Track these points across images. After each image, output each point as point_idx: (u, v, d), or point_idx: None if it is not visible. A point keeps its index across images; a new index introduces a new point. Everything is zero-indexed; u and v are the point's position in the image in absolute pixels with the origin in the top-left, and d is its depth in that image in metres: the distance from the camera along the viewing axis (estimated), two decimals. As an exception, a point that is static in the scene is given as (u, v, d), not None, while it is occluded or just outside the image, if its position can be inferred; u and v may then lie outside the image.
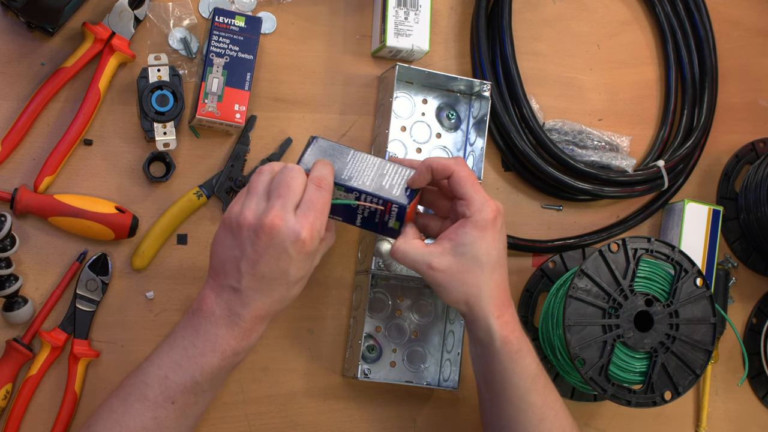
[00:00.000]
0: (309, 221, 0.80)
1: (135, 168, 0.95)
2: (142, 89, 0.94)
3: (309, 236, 0.79)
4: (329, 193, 0.83)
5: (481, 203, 0.86)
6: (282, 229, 0.79)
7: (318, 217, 0.81)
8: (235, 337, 0.81)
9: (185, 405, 0.81)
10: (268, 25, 1.01)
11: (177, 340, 0.82)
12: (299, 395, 0.99)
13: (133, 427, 0.79)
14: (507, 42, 1.07)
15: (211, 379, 0.81)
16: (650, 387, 0.97)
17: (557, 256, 1.08)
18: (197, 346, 0.81)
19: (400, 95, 1.04)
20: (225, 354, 0.81)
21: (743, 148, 1.19)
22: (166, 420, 0.80)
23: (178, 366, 0.80)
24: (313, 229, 0.80)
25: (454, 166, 0.88)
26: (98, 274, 0.93)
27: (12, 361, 0.90)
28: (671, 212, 1.14)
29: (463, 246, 0.85)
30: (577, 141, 1.10)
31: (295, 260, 0.80)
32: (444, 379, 1.02)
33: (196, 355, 0.80)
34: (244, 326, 0.81)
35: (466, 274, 0.86)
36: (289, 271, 0.81)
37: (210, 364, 0.80)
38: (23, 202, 0.89)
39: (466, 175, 0.87)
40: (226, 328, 0.81)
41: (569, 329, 0.95)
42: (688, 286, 0.98)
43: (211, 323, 0.81)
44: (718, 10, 1.20)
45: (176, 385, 0.80)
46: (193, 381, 0.80)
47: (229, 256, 0.81)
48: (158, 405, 0.80)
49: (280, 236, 0.79)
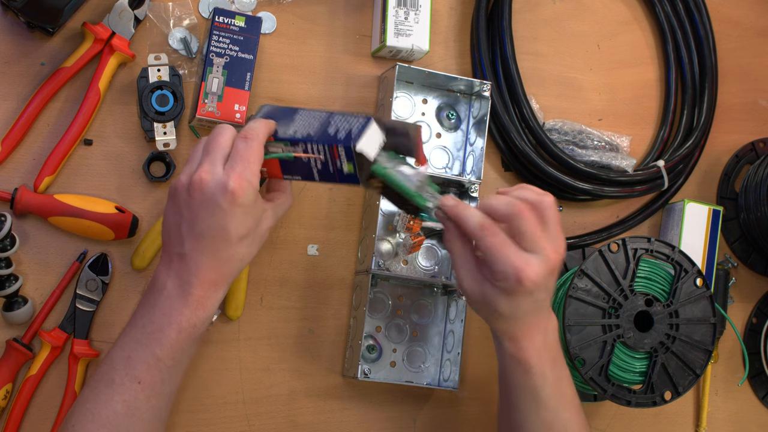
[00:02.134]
0: (236, 172, 0.78)
1: (135, 168, 0.95)
2: (142, 89, 0.94)
3: (238, 185, 0.78)
4: (258, 143, 0.81)
5: (505, 277, 0.79)
6: (210, 183, 0.78)
7: (246, 167, 0.79)
8: (189, 307, 0.79)
9: (152, 383, 0.79)
10: (268, 25, 1.01)
11: (137, 320, 0.81)
12: (299, 395, 0.99)
13: (105, 414, 0.78)
14: (507, 42, 1.07)
15: (172, 353, 0.79)
16: (650, 387, 0.97)
17: (557, 256, 1.08)
18: (154, 322, 0.80)
19: (400, 95, 1.04)
20: (181, 326, 0.79)
21: (743, 148, 1.19)
22: (135, 401, 0.78)
23: (139, 344, 0.79)
24: (242, 178, 0.78)
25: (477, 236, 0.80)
26: (98, 274, 0.93)
27: (12, 361, 0.90)
28: (671, 212, 1.14)
29: (488, 295, 0.81)
30: (577, 141, 1.10)
31: (230, 214, 0.78)
32: (444, 379, 1.02)
33: (155, 331, 0.79)
34: (197, 294, 0.79)
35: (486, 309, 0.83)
36: (228, 227, 0.79)
37: (168, 338, 0.79)
38: (23, 202, 0.89)
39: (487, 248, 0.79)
40: (179, 299, 0.80)
41: (569, 329, 0.95)
42: (688, 286, 0.98)
43: (165, 296, 0.80)
44: (718, 10, 1.20)
45: (139, 363, 0.79)
46: (155, 357, 0.79)
47: (171, 223, 0.81)
48: (125, 387, 0.78)
49: (209, 190, 0.78)
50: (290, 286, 0.99)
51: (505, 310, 0.81)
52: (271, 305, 0.99)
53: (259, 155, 0.80)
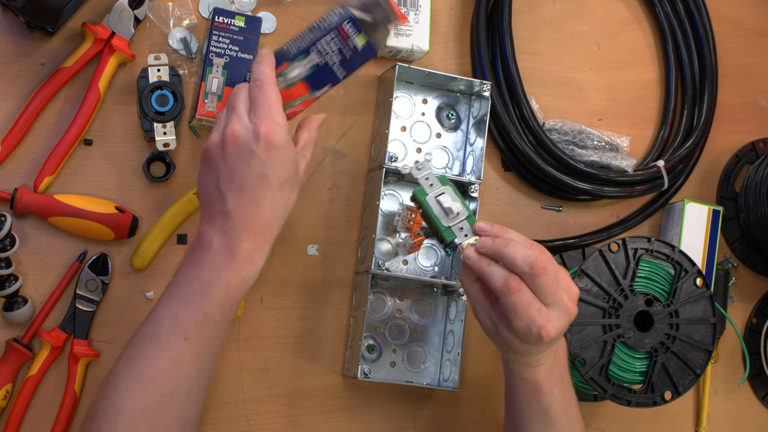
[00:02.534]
0: (261, 117, 0.79)
1: (135, 168, 0.95)
2: (142, 89, 0.94)
3: (268, 129, 0.78)
4: (270, 84, 0.81)
5: (526, 332, 0.80)
6: (241, 132, 0.79)
7: (270, 110, 0.79)
8: (237, 261, 0.79)
9: (199, 341, 0.78)
10: (268, 25, 1.01)
11: (182, 277, 0.80)
12: (299, 395, 0.99)
13: (150, 371, 0.77)
14: (507, 42, 1.07)
15: (221, 309, 0.78)
16: (650, 387, 0.97)
17: (557, 256, 1.08)
18: (202, 279, 0.79)
19: (400, 95, 1.04)
20: (230, 281, 0.78)
21: (743, 148, 1.19)
22: (181, 358, 0.77)
23: (186, 301, 0.78)
24: (270, 121, 0.79)
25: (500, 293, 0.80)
26: (98, 274, 0.93)
27: (12, 361, 0.90)
28: (671, 212, 1.14)
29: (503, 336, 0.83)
30: (577, 141, 1.10)
31: (266, 160, 0.79)
32: (444, 379, 1.02)
33: (203, 288, 0.78)
34: (245, 248, 0.79)
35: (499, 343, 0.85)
36: (267, 173, 0.79)
37: (218, 294, 0.78)
38: (23, 202, 0.89)
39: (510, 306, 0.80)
40: (226, 255, 0.79)
41: (569, 329, 0.95)
42: (688, 286, 0.98)
43: (212, 253, 0.79)
44: (718, 10, 1.20)
45: (187, 320, 0.78)
46: (204, 314, 0.78)
47: (209, 183, 0.81)
48: (171, 344, 0.77)
49: (242, 140, 0.79)
50: (290, 286, 0.99)
51: (519, 350, 0.83)
52: (271, 305, 0.99)
53: (276, 95, 0.81)
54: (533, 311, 0.79)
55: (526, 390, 0.87)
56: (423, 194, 0.87)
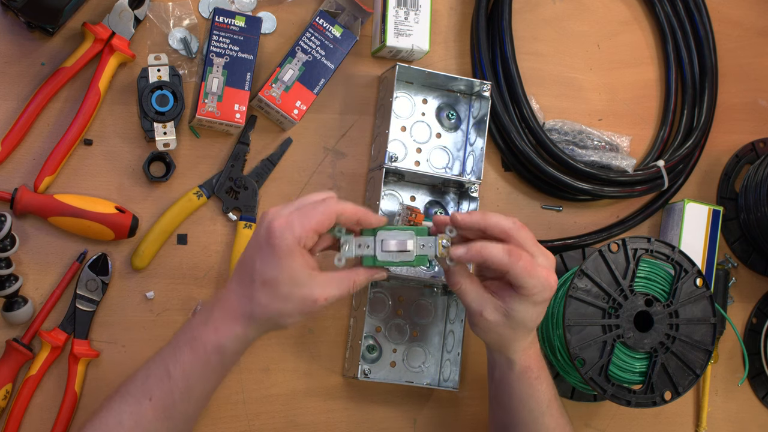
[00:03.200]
0: (286, 214, 0.79)
1: (135, 168, 0.95)
2: (142, 89, 0.94)
3: (277, 225, 0.78)
4: (326, 206, 0.79)
5: (541, 287, 0.82)
6: (266, 217, 0.79)
7: (299, 216, 0.78)
8: (205, 328, 0.80)
9: (162, 403, 0.79)
10: (268, 25, 1.01)
11: (171, 339, 0.82)
12: (299, 395, 0.99)
13: (111, 423, 0.79)
14: (507, 42, 1.07)
15: (183, 373, 0.79)
16: (650, 387, 0.97)
17: (557, 256, 1.08)
18: (175, 340, 0.81)
19: (400, 95, 1.04)
20: (194, 345, 0.79)
21: (743, 148, 1.19)
22: (143, 418, 0.79)
23: (160, 359, 0.80)
24: (286, 222, 0.78)
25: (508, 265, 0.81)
26: (98, 274, 0.93)
27: (12, 361, 0.90)
28: (671, 212, 1.14)
29: (516, 312, 0.84)
30: (577, 141, 1.10)
31: (262, 250, 0.78)
32: (444, 379, 1.02)
33: (172, 348, 0.80)
34: (215, 318, 0.80)
35: (506, 329, 0.86)
36: (255, 263, 0.79)
37: (182, 355, 0.79)
38: (23, 202, 0.89)
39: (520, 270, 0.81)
40: (201, 321, 0.81)
41: (569, 329, 0.95)
42: (688, 286, 0.98)
43: (195, 318, 0.82)
44: (718, 10, 1.20)
45: (154, 378, 0.79)
46: (167, 373, 0.79)
47: None
48: (137, 400, 0.79)
49: (263, 223, 0.79)
50: (290, 286, 0.99)
51: (532, 320, 0.85)
52: (271, 305, 0.99)
53: (322, 214, 0.79)
54: (536, 267, 0.82)
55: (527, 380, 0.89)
56: (371, 259, 0.83)
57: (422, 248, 0.84)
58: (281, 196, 1.00)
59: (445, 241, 0.84)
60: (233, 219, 0.98)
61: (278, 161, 1.00)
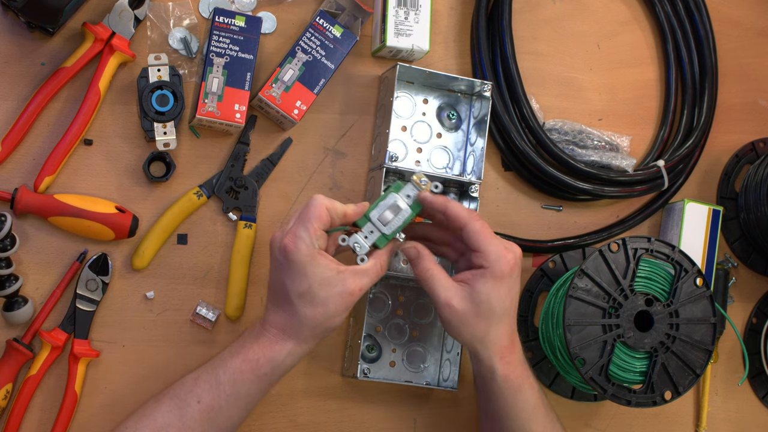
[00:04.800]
0: (292, 230, 0.84)
1: (135, 168, 0.95)
2: (142, 89, 0.94)
3: (288, 241, 0.83)
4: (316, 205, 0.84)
5: (497, 255, 0.87)
6: (275, 239, 0.85)
7: (299, 225, 0.84)
8: (259, 343, 0.84)
9: (210, 406, 0.83)
10: (269, 25, 1.01)
11: (221, 355, 0.86)
12: (299, 395, 0.99)
13: (160, 420, 0.82)
14: (507, 42, 1.07)
15: (233, 380, 0.83)
16: (650, 387, 0.97)
17: (557, 256, 1.08)
18: (230, 351, 0.85)
19: (401, 95, 1.04)
20: (246, 356, 0.84)
21: (743, 148, 1.19)
22: (190, 419, 0.82)
23: (210, 367, 0.85)
24: (294, 235, 0.83)
25: (467, 220, 0.87)
26: (98, 274, 0.93)
27: (12, 361, 0.90)
28: (671, 212, 1.14)
29: (479, 294, 0.87)
30: (577, 141, 1.10)
31: (285, 268, 0.84)
32: (443, 379, 1.02)
33: (226, 356, 0.85)
34: (267, 335, 0.85)
35: (476, 319, 0.87)
36: (284, 282, 0.84)
37: (233, 363, 0.84)
38: (23, 202, 0.89)
39: (478, 228, 0.87)
40: (253, 335, 0.85)
41: (569, 329, 0.95)
42: (688, 286, 0.98)
43: (247, 333, 0.87)
44: (718, 10, 1.20)
45: (203, 382, 0.83)
46: (217, 379, 0.83)
47: None
48: (186, 402, 0.83)
49: (275, 245, 0.85)
50: (290, 286, 0.99)
51: (498, 303, 0.86)
52: (271, 305, 0.99)
53: (315, 215, 0.84)
54: (493, 237, 0.87)
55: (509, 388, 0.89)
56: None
57: (409, 198, 0.89)
58: (281, 196, 1.00)
59: (422, 180, 0.88)
60: (233, 219, 0.98)
61: (278, 161, 1.00)
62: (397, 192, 0.89)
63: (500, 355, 0.88)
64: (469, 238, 0.87)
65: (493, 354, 0.88)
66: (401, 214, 0.88)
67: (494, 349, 0.88)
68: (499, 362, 0.88)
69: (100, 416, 0.93)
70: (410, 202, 0.89)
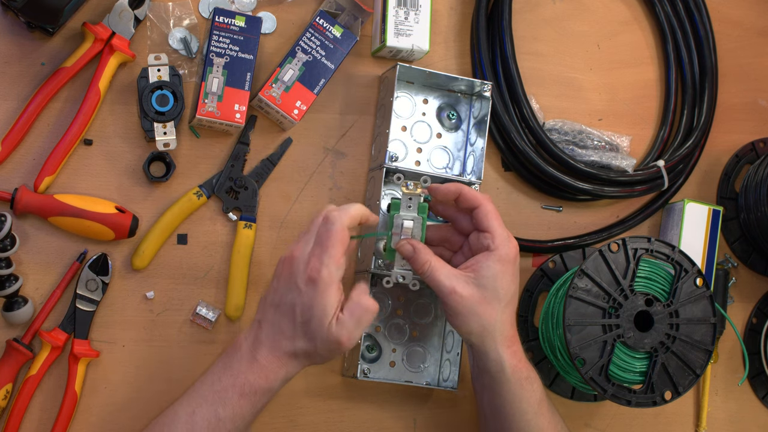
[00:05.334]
0: (316, 254, 0.81)
1: (135, 168, 0.95)
2: (142, 89, 0.94)
3: (313, 267, 0.81)
4: (338, 227, 0.82)
5: (504, 238, 0.88)
6: (297, 258, 0.82)
7: (324, 251, 0.81)
8: (253, 373, 0.81)
9: None
10: (269, 25, 1.01)
11: (208, 376, 0.83)
12: (299, 395, 0.99)
13: None
14: (507, 42, 1.07)
15: (233, 416, 0.81)
16: (650, 387, 0.97)
17: (557, 256, 1.08)
18: (222, 381, 0.82)
19: (401, 95, 1.04)
20: (244, 390, 0.81)
21: (743, 148, 1.19)
22: None
23: (204, 401, 0.81)
24: (319, 261, 0.81)
25: (483, 200, 0.90)
26: (98, 274, 0.93)
27: (12, 361, 0.90)
28: (671, 212, 1.14)
29: (486, 278, 0.87)
30: (577, 141, 1.10)
31: (302, 293, 0.81)
32: (443, 379, 1.02)
33: (220, 390, 0.81)
34: (261, 362, 0.82)
35: (484, 305, 0.87)
36: (296, 306, 0.81)
37: (231, 399, 0.81)
38: (23, 202, 0.89)
39: (493, 209, 0.89)
40: (247, 363, 0.82)
41: (569, 329, 0.95)
42: (688, 286, 0.98)
43: (237, 358, 0.83)
44: (718, 10, 1.20)
45: (201, 420, 0.81)
46: (217, 417, 0.81)
47: (266, 292, 0.85)
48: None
49: (294, 265, 0.82)
50: (290, 286, 0.99)
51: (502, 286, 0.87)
52: (271, 305, 0.99)
53: (337, 238, 0.81)
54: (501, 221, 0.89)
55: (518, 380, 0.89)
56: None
57: (410, 207, 0.89)
58: (281, 196, 1.00)
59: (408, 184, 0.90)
60: (233, 219, 0.98)
61: (278, 161, 1.00)
62: (398, 211, 0.90)
63: (506, 345, 0.88)
64: (480, 218, 0.89)
65: (499, 344, 0.88)
66: (415, 225, 0.89)
67: (501, 339, 0.88)
68: (506, 352, 0.88)
69: (100, 416, 0.93)
70: (414, 211, 0.89)
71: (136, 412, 0.93)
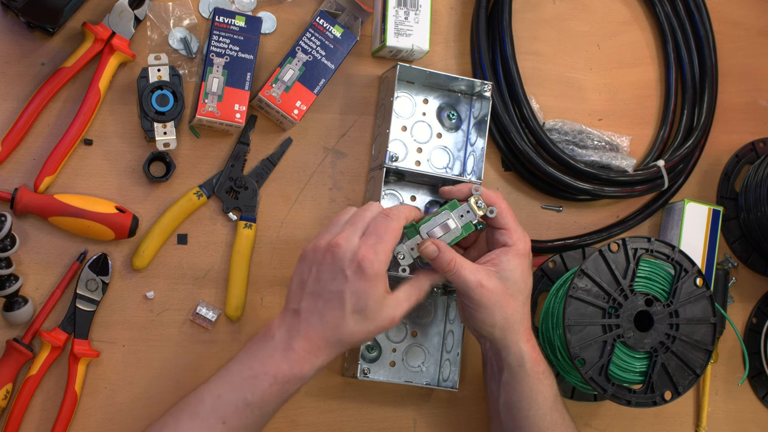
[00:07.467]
0: (369, 243, 0.83)
1: (135, 168, 0.95)
2: (142, 89, 0.94)
3: (366, 256, 0.82)
4: (397, 223, 0.85)
5: (521, 234, 0.91)
6: (343, 247, 0.82)
7: (378, 241, 0.83)
8: (287, 361, 0.82)
9: (236, 426, 0.81)
10: (269, 25, 1.01)
11: (235, 364, 0.83)
12: (299, 395, 0.99)
13: None
14: (507, 42, 1.07)
15: (261, 402, 0.81)
16: (650, 387, 0.97)
17: (557, 256, 1.08)
18: (252, 368, 0.82)
19: (401, 95, 1.04)
20: (276, 378, 0.81)
21: (743, 148, 1.19)
22: None
23: (232, 386, 0.82)
24: (373, 251, 0.82)
25: (496, 199, 0.92)
26: (98, 274, 0.93)
27: (12, 361, 0.90)
28: (671, 212, 1.14)
29: (507, 271, 0.89)
30: (577, 141, 1.10)
31: (350, 282, 0.82)
32: (443, 379, 1.02)
33: (250, 377, 0.81)
34: (298, 351, 0.82)
35: (508, 298, 0.89)
36: (344, 294, 0.82)
37: (261, 386, 0.81)
38: (23, 202, 0.89)
39: (507, 207, 0.92)
40: (281, 353, 0.82)
41: (569, 329, 0.95)
42: (688, 286, 0.98)
43: (270, 346, 0.83)
44: (718, 10, 1.20)
45: (228, 404, 0.81)
46: (245, 402, 0.81)
47: (296, 281, 0.85)
48: (209, 423, 0.80)
49: (339, 253, 0.82)
50: (290, 286, 0.99)
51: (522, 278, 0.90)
52: (272, 305, 0.99)
53: (395, 234, 0.84)
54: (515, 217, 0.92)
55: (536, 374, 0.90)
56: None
57: (462, 218, 0.91)
58: (281, 196, 1.00)
59: (480, 202, 0.91)
60: (233, 219, 0.98)
61: (278, 161, 1.00)
62: (452, 210, 0.91)
63: (526, 338, 0.90)
64: (497, 217, 0.91)
65: (519, 338, 0.90)
66: (451, 233, 0.90)
67: (521, 332, 0.90)
68: (526, 345, 0.90)
69: (100, 416, 0.93)
70: (462, 223, 0.91)
71: (137, 412, 0.93)
